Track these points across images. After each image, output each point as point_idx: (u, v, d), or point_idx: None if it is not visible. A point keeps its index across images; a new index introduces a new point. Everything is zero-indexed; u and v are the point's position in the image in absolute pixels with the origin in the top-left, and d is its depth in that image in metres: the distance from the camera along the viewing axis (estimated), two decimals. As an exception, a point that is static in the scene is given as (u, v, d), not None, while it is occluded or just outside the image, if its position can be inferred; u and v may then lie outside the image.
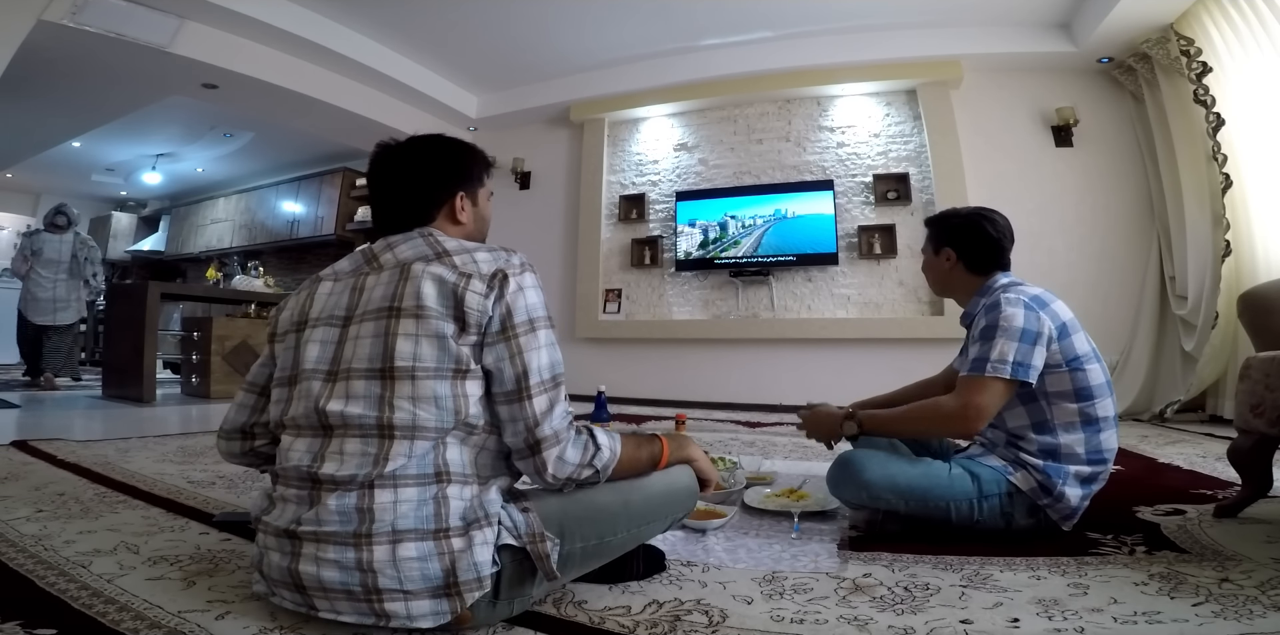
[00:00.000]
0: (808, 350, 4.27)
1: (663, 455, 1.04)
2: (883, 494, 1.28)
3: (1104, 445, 1.28)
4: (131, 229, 8.64)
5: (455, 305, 0.89)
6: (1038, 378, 1.25)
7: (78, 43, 3.49)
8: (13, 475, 1.83)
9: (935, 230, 1.52)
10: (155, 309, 4.01)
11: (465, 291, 0.89)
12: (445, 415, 0.87)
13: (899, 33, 4.11)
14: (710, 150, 4.77)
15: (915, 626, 0.89)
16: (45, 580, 1.03)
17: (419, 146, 1.04)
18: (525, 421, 0.89)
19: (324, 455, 0.87)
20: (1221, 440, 2.55)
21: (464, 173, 1.05)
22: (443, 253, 0.94)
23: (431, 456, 0.86)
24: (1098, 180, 3.94)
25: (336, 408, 0.87)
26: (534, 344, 0.91)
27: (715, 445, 2.61)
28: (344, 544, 0.81)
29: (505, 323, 0.90)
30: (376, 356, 0.88)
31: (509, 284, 0.92)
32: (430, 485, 0.85)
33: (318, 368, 0.92)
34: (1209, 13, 3.17)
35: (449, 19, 4.14)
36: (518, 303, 0.92)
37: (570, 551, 0.90)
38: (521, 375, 0.90)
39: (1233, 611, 0.91)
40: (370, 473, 0.83)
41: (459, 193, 1.03)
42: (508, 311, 0.91)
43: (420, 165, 1.02)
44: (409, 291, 0.90)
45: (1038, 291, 1.35)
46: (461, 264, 0.92)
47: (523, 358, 0.90)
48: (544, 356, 0.92)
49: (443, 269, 0.91)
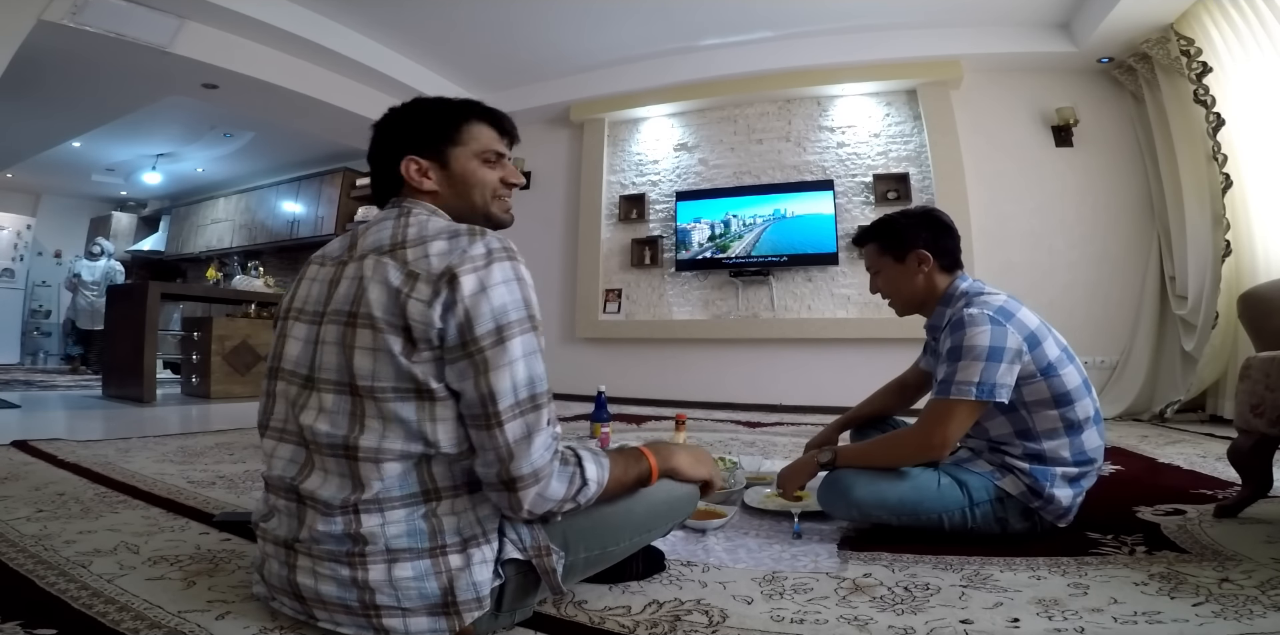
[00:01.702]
0: (808, 350, 4.27)
1: (652, 474, 0.95)
2: (873, 511, 1.28)
3: (1088, 445, 1.28)
4: (131, 229, 8.64)
5: (400, 316, 0.78)
6: (1015, 389, 1.24)
7: (78, 43, 3.49)
8: (13, 475, 1.83)
9: (891, 236, 1.43)
10: (155, 309, 4.01)
11: (408, 299, 0.78)
12: (413, 442, 0.79)
13: (899, 33, 4.10)
14: (710, 150, 4.77)
15: (915, 626, 0.89)
16: (45, 580, 1.03)
17: (386, 114, 0.98)
18: (497, 452, 0.78)
19: (306, 469, 0.83)
20: (1221, 440, 2.55)
21: (405, 135, 0.95)
22: (399, 243, 0.84)
23: (415, 475, 0.80)
24: (1098, 180, 3.94)
25: (308, 421, 0.82)
26: (503, 359, 0.77)
27: (715, 445, 2.61)
28: (339, 562, 0.79)
29: (464, 335, 0.77)
30: (341, 369, 0.81)
31: (461, 285, 0.77)
32: (419, 505, 0.81)
33: (296, 371, 0.87)
34: (1209, 13, 3.17)
35: (449, 19, 4.14)
36: (479, 308, 0.77)
37: (574, 562, 0.89)
38: (488, 398, 0.77)
39: (1233, 611, 0.91)
40: (350, 498, 0.79)
41: (406, 156, 0.93)
42: (466, 321, 0.77)
43: (375, 134, 0.97)
44: (362, 296, 0.81)
45: (1002, 301, 1.30)
46: (413, 260, 0.81)
47: (488, 378, 0.77)
48: (518, 372, 0.78)
49: (391, 269, 0.81)
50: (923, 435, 1.26)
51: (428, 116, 0.96)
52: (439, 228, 0.86)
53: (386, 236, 0.86)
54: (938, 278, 1.41)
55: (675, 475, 1.00)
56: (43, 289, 8.14)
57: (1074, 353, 1.32)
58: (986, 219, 3.98)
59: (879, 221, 1.48)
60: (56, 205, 8.38)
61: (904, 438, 1.35)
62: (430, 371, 0.78)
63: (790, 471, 1.44)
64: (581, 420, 3.21)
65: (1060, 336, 1.33)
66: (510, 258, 0.82)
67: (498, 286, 0.79)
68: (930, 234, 1.40)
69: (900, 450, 1.32)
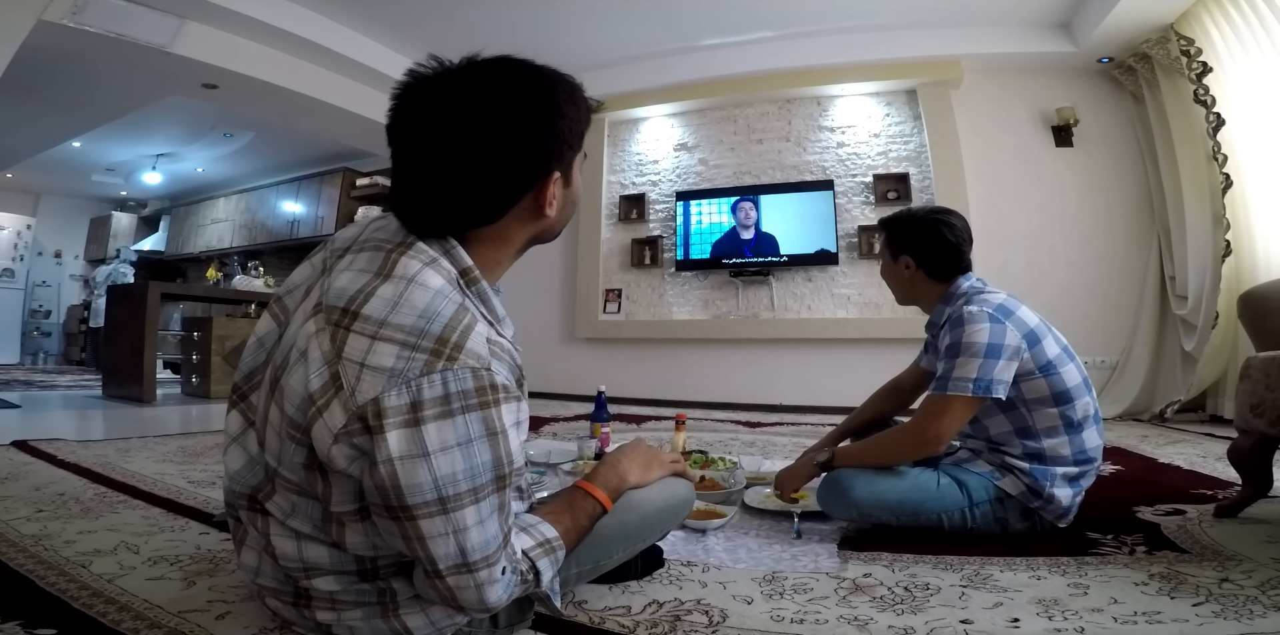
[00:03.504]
0: (808, 350, 4.26)
1: (604, 506, 0.86)
2: (873, 511, 1.28)
3: (1088, 444, 1.28)
4: (131, 229, 8.63)
5: (303, 430, 0.62)
6: (1013, 387, 1.25)
7: (78, 43, 3.48)
8: (13, 475, 1.83)
9: (891, 235, 1.47)
10: (155, 309, 4.01)
11: (316, 417, 0.60)
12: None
13: (899, 33, 4.10)
14: (710, 150, 4.77)
15: (915, 626, 0.89)
16: (45, 580, 1.02)
17: (490, 87, 0.63)
18: (440, 594, 0.66)
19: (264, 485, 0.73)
20: (1221, 440, 2.55)
21: (564, 134, 0.66)
22: (351, 312, 0.62)
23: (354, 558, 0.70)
24: (1098, 180, 3.94)
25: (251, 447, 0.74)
26: (445, 527, 0.61)
27: (715, 445, 2.61)
28: (284, 601, 0.76)
29: (386, 500, 0.60)
30: (271, 409, 0.68)
31: (386, 443, 0.57)
32: (365, 581, 0.72)
33: (240, 369, 0.78)
34: (1209, 13, 3.17)
35: (449, 19, 4.14)
36: (415, 477, 0.58)
37: (567, 578, 0.88)
38: (422, 560, 0.63)
39: (1233, 611, 0.91)
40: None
41: (554, 173, 0.67)
42: (393, 487, 0.59)
43: (491, 130, 0.63)
44: (287, 359, 0.65)
45: (1001, 299, 1.31)
46: (349, 353, 0.59)
47: (424, 545, 0.61)
48: (471, 538, 0.62)
49: (317, 351, 0.61)
50: (918, 430, 1.27)
51: (578, 105, 0.67)
52: (422, 302, 0.62)
53: (353, 288, 0.64)
54: (924, 283, 1.42)
55: (635, 488, 0.93)
56: (43, 289, 8.14)
57: (1074, 352, 1.32)
58: (986, 219, 3.98)
59: (894, 216, 1.50)
60: (56, 205, 8.38)
61: (899, 434, 1.35)
62: (340, 493, 0.64)
63: (788, 473, 1.44)
64: (581, 420, 3.22)
65: (1060, 335, 1.33)
66: (487, 404, 0.60)
67: (451, 451, 0.59)
68: (924, 244, 1.40)
69: (896, 446, 1.33)
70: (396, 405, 0.57)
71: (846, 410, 1.76)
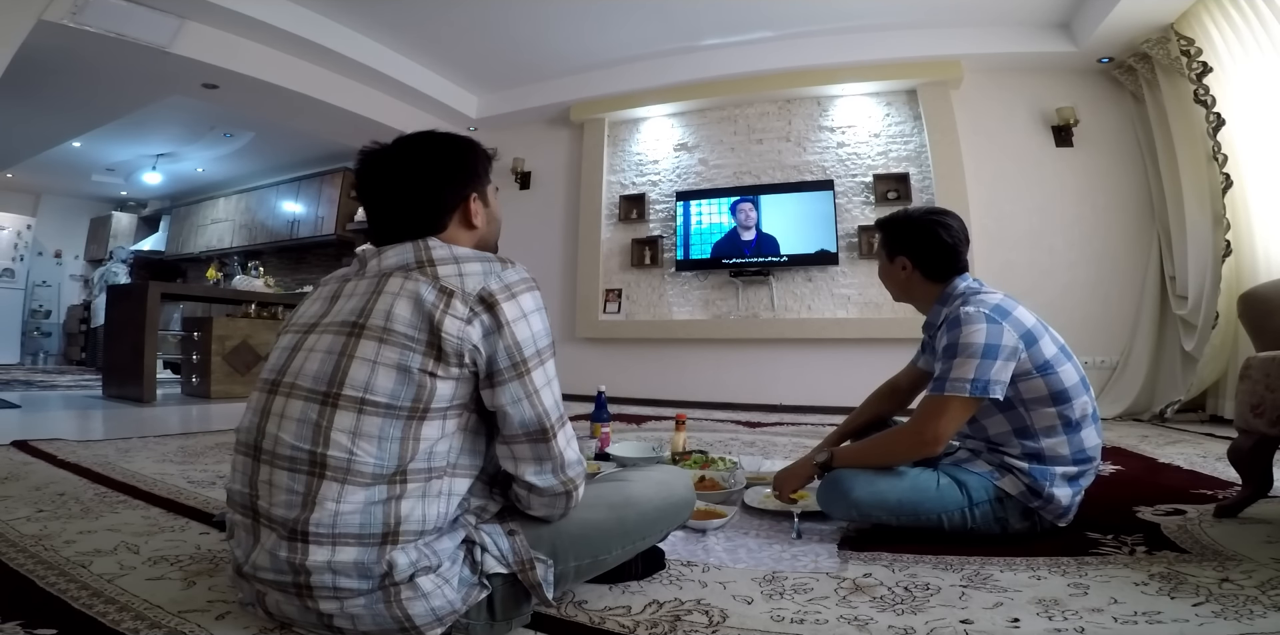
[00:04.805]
0: (808, 350, 4.27)
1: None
2: (873, 512, 1.28)
3: (1086, 444, 1.28)
4: (131, 229, 8.64)
5: (430, 330, 0.78)
6: (1011, 387, 1.25)
7: (78, 43, 3.49)
8: (13, 475, 1.83)
9: (887, 236, 1.47)
10: (155, 309, 4.01)
11: (444, 316, 0.79)
12: (386, 459, 0.77)
13: (899, 33, 4.10)
14: (710, 150, 4.77)
15: (915, 626, 0.89)
16: (45, 580, 1.03)
17: (417, 147, 0.92)
18: (554, 461, 0.85)
19: (255, 483, 0.80)
20: (1221, 440, 2.55)
21: (471, 170, 0.93)
22: (426, 262, 0.84)
23: (380, 512, 0.76)
24: (1098, 180, 3.94)
25: (272, 428, 0.80)
26: (544, 379, 0.84)
27: (715, 445, 2.61)
28: (287, 593, 0.78)
29: (514, 357, 0.81)
30: (324, 377, 0.79)
31: (502, 311, 0.81)
32: (372, 547, 0.76)
33: (266, 377, 0.85)
34: (1209, 13, 3.17)
35: (449, 19, 4.13)
36: (521, 334, 0.82)
37: (564, 571, 0.89)
38: (544, 415, 0.83)
39: (1233, 611, 0.91)
40: (298, 516, 0.75)
41: (471, 194, 0.92)
42: (514, 344, 0.81)
43: (425, 169, 0.90)
44: (378, 308, 0.80)
45: (998, 300, 1.31)
46: (445, 277, 0.82)
47: (540, 396, 0.83)
48: (556, 391, 0.86)
49: (422, 284, 0.81)
50: (916, 431, 1.27)
51: (477, 152, 0.96)
52: (467, 252, 0.88)
53: (410, 257, 0.86)
54: (921, 284, 1.43)
55: None
56: (43, 289, 8.15)
57: (1071, 352, 1.32)
58: (986, 219, 3.98)
59: (890, 217, 1.50)
60: (56, 205, 8.39)
61: (897, 434, 1.36)
62: (450, 391, 0.80)
63: (787, 474, 1.44)
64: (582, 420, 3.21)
65: (1057, 335, 1.33)
66: (537, 287, 0.88)
67: (533, 314, 0.84)
68: (921, 245, 1.41)
69: (894, 447, 1.33)
70: (498, 287, 0.82)
71: (846, 410, 1.76)
